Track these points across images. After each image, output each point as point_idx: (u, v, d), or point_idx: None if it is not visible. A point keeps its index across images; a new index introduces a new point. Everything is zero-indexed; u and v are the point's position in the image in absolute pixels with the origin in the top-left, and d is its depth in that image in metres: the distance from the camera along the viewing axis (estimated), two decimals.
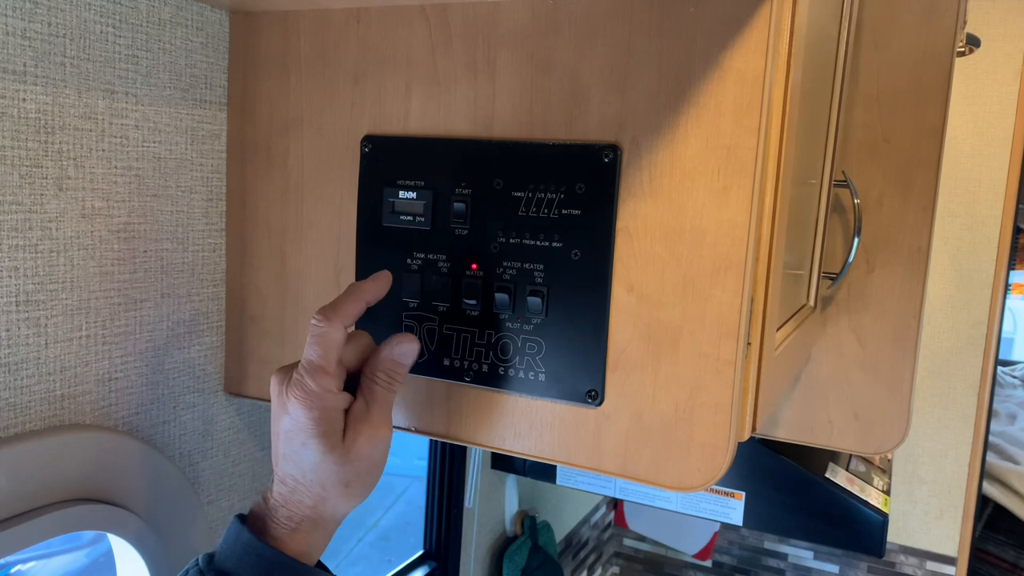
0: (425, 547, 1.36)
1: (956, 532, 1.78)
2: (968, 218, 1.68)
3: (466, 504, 1.35)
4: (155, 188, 0.63)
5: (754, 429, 0.55)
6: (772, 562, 2.04)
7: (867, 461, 1.28)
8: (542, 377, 0.57)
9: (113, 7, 0.58)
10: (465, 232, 0.58)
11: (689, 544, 2.07)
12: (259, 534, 0.50)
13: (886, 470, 1.30)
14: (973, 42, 1.24)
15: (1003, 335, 1.76)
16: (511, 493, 1.52)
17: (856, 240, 0.83)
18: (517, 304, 0.57)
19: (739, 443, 0.54)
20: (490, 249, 0.57)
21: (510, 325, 0.57)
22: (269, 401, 0.68)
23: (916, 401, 1.70)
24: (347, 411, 0.52)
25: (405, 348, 0.54)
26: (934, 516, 1.80)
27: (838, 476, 1.17)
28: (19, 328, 0.54)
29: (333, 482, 0.51)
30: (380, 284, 0.54)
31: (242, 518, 0.52)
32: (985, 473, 1.83)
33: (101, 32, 0.57)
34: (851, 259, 0.84)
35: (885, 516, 1.14)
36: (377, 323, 0.62)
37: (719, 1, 0.50)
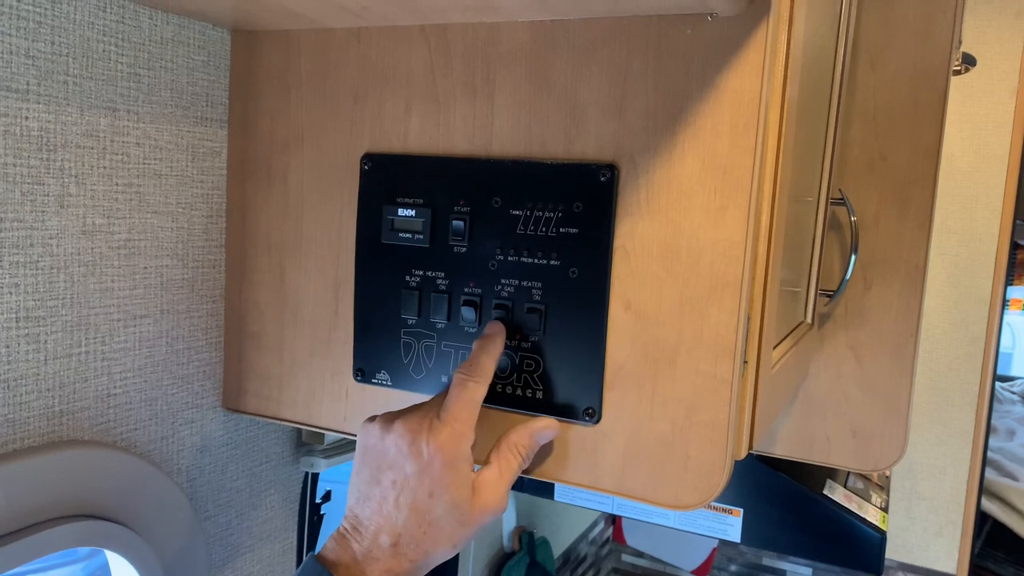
0: None
1: (955, 549, 1.78)
2: (965, 234, 1.69)
3: None
4: (156, 205, 0.63)
5: (751, 447, 0.55)
6: None
7: (865, 478, 1.28)
8: (540, 394, 0.57)
9: (116, 26, 0.59)
10: (464, 249, 0.58)
11: (687, 560, 2.06)
12: None
13: (884, 487, 1.29)
14: (969, 61, 1.25)
15: (1002, 350, 1.76)
16: (509, 509, 1.51)
17: (853, 257, 0.84)
18: (515, 321, 0.57)
19: (736, 460, 0.54)
20: (488, 267, 0.58)
21: (508, 342, 0.57)
22: (267, 417, 0.68)
23: (914, 418, 1.70)
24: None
25: (547, 433, 0.55)
26: (933, 533, 1.79)
27: (836, 493, 1.17)
28: (19, 344, 0.55)
29: (448, 541, 0.51)
30: (502, 335, 0.57)
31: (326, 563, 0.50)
32: (984, 490, 1.83)
33: (104, 51, 0.58)
34: (848, 276, 0.84)
35: (883, 533, 1.14)
36: (376, 339, 0.62)
37: (715, 23, 0.50)
